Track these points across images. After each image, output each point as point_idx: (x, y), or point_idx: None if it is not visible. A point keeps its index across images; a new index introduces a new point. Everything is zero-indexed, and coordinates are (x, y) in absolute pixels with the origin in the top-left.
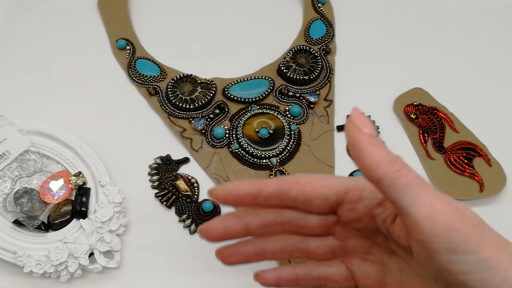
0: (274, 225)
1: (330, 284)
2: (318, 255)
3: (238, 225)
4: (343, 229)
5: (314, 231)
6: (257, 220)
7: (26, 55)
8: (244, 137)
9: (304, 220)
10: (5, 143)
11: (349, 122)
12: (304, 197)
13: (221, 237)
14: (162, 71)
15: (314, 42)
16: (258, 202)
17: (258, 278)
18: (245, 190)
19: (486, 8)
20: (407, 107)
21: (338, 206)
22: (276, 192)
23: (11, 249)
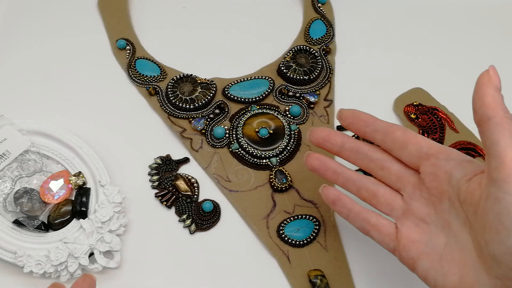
0: (364, 155)
1: (373, 232)
2: (380, 202)
3: (339, 138)
4: (415, 190)
5: (390, 178)
6: (353, 144)
7: (26, 55)
8: (244, 137)
9: (388, 162)
10: (5, 143)
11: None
12: (403, 140)
13: (321, 140)
14: (162, 71)
15: (314, 42)
16: (366, 131)
17: (323, 189)
18: (365, 116)
19: (486, 8)
20: (407, 107)
21: (425, 159)
22: (386, 127)
23: (11, 249)
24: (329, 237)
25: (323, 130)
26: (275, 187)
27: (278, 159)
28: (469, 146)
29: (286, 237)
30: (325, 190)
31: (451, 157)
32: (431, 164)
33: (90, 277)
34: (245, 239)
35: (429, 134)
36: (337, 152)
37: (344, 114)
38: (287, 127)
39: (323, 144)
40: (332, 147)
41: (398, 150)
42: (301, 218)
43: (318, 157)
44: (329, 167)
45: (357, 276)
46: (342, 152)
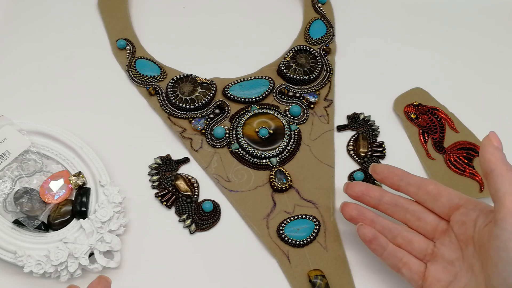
0: (401, 208)
1: (404, 269)
2: (415, 249)
3: (377, 192)
4: (445, 237)
5: (426, 228)
6: (391, 198)
7: (26, 55)
8: (244, 137)
9: (424, 214)
10: (5, 143)
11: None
12: (436, 192)
13: (360, 193)
14: (162, 71)
15: (314, 42)
16: (400, 185)
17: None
18: (398, 171)
19: (486, 8)
20: (407, 107)
21: (455, 209)
22: (418, 182)
23: (11, 249)
24: (329, 237)
25: (362, 184)
26: (275, 187)
27: (278, 159)
28: (469, 146)
29: (286, 237)
30: (362, 229)
31: (477, 207)
32: (461, 213)
33: (105, 279)
34: (245, 239)
35: (429, 134)
36: (375, 205)
37: (379, 169)
38: (287, 127)
39: (362, 197)
40: (371, 201)
41: (431, 202)
42: (301, 218)
43: (356, 207)
44: (367, 216)
45: (357, 276)
46: (380, 205)
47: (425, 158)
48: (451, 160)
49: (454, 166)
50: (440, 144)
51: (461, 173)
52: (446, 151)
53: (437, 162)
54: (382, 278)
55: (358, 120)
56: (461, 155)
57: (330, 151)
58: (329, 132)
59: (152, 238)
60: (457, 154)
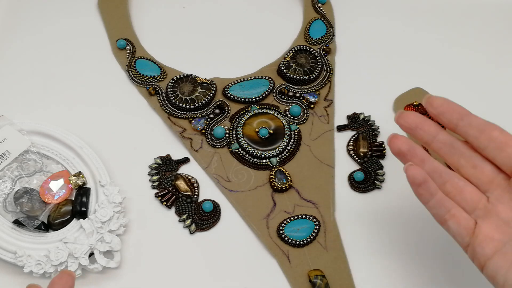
0: (457, 150)
1: (451, 222)
2: (465, 200)
3: (433, 127)
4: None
5: (481, 178)
6: (447, 137)
7: (26, 55)
8: (244, 137)
9: (482, 162)
10: (5, 143)
11: None
12: (502, 140)
13: (414, 125)
14: (162, 71)
15: (314, 42)
16: (459, 124)
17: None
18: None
19: (486, 8)
20: (407, 107)
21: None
22: (482, 125)
23: (11, 249)
24: (329, 237)
25: (417, 116)
26: (275, 187)
27: (278, 159)
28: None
29: (286, 237)
30: (412, 170)
31: None
32: None
33: (68, 274)
34: (245, 239)
35: None
36: (428, 142)
37: (437, 102)
38: (287, 127)
39: (415, 130)
40: (424, 136)
41: (493, 150)
42: (301, 218)
43: (407, 140)
44: (417, 153)
45: (357, 276)
46: (434, 143)
47: None
48: None
49: None
50: None
51: None
52: None
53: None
54: (382, 278)
55: (358, 120)
56: None
57: (330, 151)
58: (329, 132)
59: (152, 238)
60: None
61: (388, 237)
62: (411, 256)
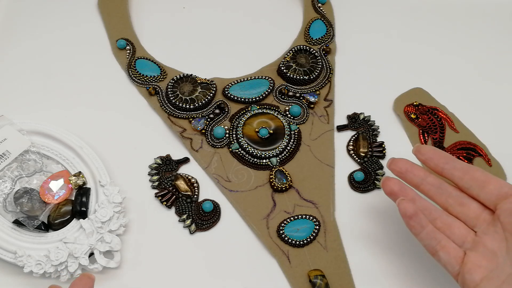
0: (444, 191)
1: (441, 252)
2: (454, 234)
3: (421, 171)
4: (487, 227)
5: (468, 215)
6: (435, 180)
7: (26, 55)
8: (244, 137)
9: (468, 200)
10: (5, 143)
11: None
12: (484, 179)
13: (404, 170)
14: (162, 71)
15: (314, 42)
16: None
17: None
18: (444, 154)
19: (486, 8)
20: (407, 107)
21: (503, 199)
22: (465, 167)
23: (11, 249)
24: (329, 237)
25: (406, 162)
26: (275, 187)
27: (278, 159)
28: (469, 146)
29: (286, 237)
30: (404, 203)
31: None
32: (510, 201)
33: (88, 276)
34: (245, 239)
35: (429, 134)
36: (417, 184)
37: (424, 149)
38: (287, 127)
39: (406, 174)
40: (414, 179)
41: (477, 188)
42: (301, 218)
43: (398, 182)
44: (408, 193)
45: (357, 276)
46: (423, 185)
47: None
48: None
49: None
50: (440, 144)
51: None
52: (446, 151)
53: None
54: (382, 278)
55: (358, 120)
56: (461, 155)
57: (330, 151)
58: (329, 132)
59: (152, 238)
60: (457, 154)
61: (388, 237)
62: (411, 256)
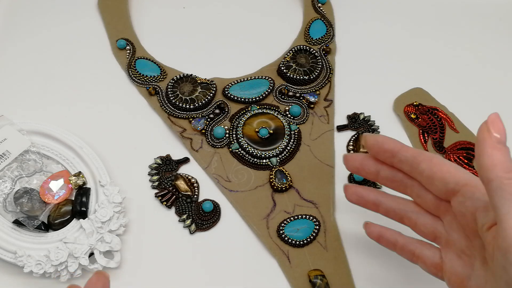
0: (399, 183)
1: (419, 263)
2: (422, 231)
3: (373, 166)
4: (452, 220)
5: (428, 206)
6: (388, 171)
7: (26, 55)
8: (244, 137)
9: (423, 191)
10: (5, 143)
11: (484, 123)
12: (429, 174)
13: (355, 169)
14: (162, 71)
15: (314, 42)
16: (393, 161)
17: (366, 226)
18: (390, 145)
19: (486, 8)
20: (407, 107)
21: (452, 195)
22: (410, 159)
23: (11, 249)
24: (329, 237)
25: (356, 159)
26: (275, 187)
27: (278, 159)
28: (469, 146)
29: (286, 237)
30: (367, 228)
31: (476, 196)
32: (459, 202)
33: (103, 275)
34: (245, 239)
35: (429, 134)
36: (374, 179)
37: (368, 143)
38: (287, 127)
39: (359, 172)
40: (368, 175)
41: (426, 184)
42: (301, 218)
43: (355, 191)
44: (368, 199)
45: (357, 276)
46: (379, 179)
47: None
48: (451, 160)
49: None
50: (440, 144)
51: None
52: (446, 151)
53: None
54: (382, 278)
55: (358, 120)
56: (461, 155)
57: (330, 151)
58: (329, 132)
59: (152, 238)
60: (457, 154)
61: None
62: None
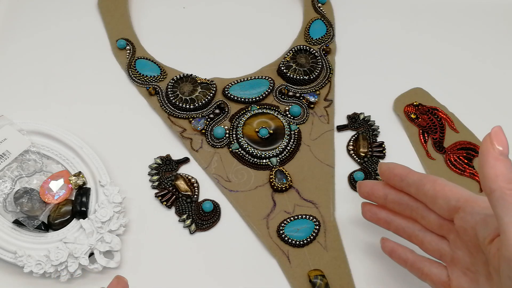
0: (405, 206)
1: (427, 281)
2: (428, 249)
3: (381, 191)
4: (456, 238)
5: (432, 227)
6: (395, 195)
7: (26, 55)
8: (244, 137)
9: (426, 212)
10: (5, 143)
11: (487, 135)
12: (432, 193)
13: (366, 194)
14: (162, 71)
15: (314, 42)
16: (402, 186)
17: (382, 241)
18: (399, 170)
19: (486, 8)
20: (407, 107)
21: (454, 212)
22: (417, 181)
23: (11, 249)
24: (329, 237)
25: (367, 185)
26: (275, 187)
27: (278, 159)
28: (469, 146)
29: (286, 237)
30: (383, 243)
31: (476, 210)
32: (460, 218)
33: (123, 280)
34: (245, 239)
35: (429, 134)
36: (383, 203)
37: (381, 170)
38: (287, 127)
39: (370, 197)
40: (377, 200)
41: (430, 204)
42: (301, 218)
43: (370, 208)
44: (380, 217)
45: (357, 276)
46: (387, 203)
47: (425, 158)
48: (451, 160)
49: (454, 166)
50: (440, 144)
51: (461, 173)
52: (446, 151)
53: (437, 162)
54: (382, 278)
55: (358, 120)
56: (461, 155)
57: (330, 151)
58: (329, 132)
59: (152, 238)
60: (457, 154)
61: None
62: None
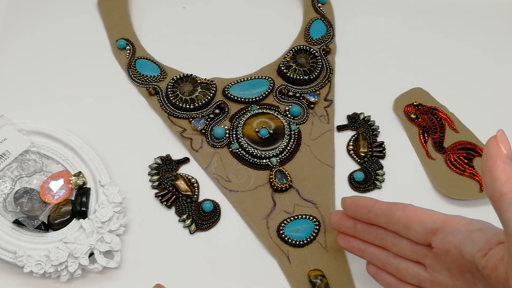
0: (374, 235)
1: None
2: (405, 276)
3: (350, 221)
4: (434, 262)
5: (405, 253)
6: (363, 226)
7: (26, 55)
8: (244, 137)
9: (397, 240)
10: (5, 143)
11: (493, 138)
12: (405, 220)
13: (336, 224)
14: (162, 71)
15: (314, 42)
16: (370, 217)
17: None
18: (365, 202)
19: (486, 8)
20: (407, 107)
21: (432, 235)
22: (386, 210)
23: (11, 249)
24: (329, 237)
25: (336, 215)
26: (275, 187)
27: (278, 159)
28: (469, 146)
29: (286, 237)
30: (367, 265)
31: (457, 228)
32: (440, 240)
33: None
34: (245, 239)
35: (429, 134)
36: (353, 234)
37: (345, 204)
38: (287, 127)
39: (339, 228)
40: (347, 230)
41: (403, 231)
42: (301, 218)
43: (343, 236)
44: (354, 245)
45: (357, 276)
46: (356, 233)
47: (425, 158)
48: (451, 160)
49: (454, 166)
50: (440, 144)
51: (461, 173)
52: (446, 151)
53: (437, 162)
54: None
55: (358, 120)
56: (461, 155)
57: (330, 151)
58: (329, 132)
59: (152, 238)
60: (457, 154)
61: None
62: None
